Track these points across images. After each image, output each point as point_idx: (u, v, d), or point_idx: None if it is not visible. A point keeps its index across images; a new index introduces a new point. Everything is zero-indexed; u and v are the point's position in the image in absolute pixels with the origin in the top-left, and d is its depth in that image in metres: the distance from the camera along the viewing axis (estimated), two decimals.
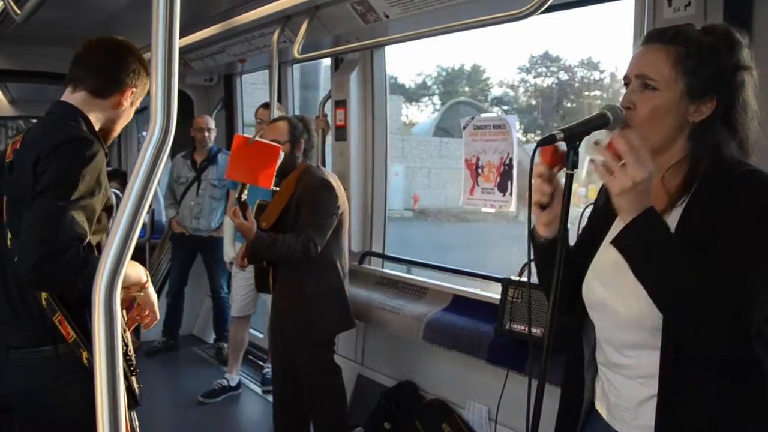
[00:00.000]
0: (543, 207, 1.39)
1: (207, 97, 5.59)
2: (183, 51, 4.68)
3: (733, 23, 2.18)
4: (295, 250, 2.84)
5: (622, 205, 1.21)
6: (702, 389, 1.23)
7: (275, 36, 3.61)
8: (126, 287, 1.82)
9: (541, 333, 2.37)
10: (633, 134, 1.22)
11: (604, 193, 1.49)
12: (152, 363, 4.84)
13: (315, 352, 3.05)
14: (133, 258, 1.84)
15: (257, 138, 2.86)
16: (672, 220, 1.27)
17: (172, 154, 5.00)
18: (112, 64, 1.81)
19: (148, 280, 1.80)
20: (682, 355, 1.23)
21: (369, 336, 3.75)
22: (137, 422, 1.88)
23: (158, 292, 5.29)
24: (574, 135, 1.35)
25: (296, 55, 3.43)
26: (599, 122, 1.40)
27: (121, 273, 0.94)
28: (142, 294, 1.80)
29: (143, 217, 0.96)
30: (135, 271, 1.77)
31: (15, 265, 1.58)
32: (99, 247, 1.71)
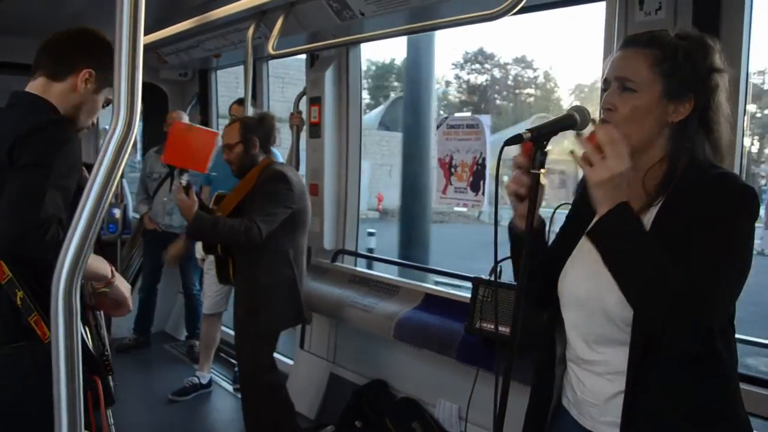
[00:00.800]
0: (521, 199, 1.41)
1: (182, 92, 5.54)
2: (157, 45, 4.65)
3: (701, 27, 2.22)
4: (238, 231, 2.81)
5: (598, 197, 1.25)
6: (668, 385, 1.26)
7: (250, 31, 3.58)
8: (93, 283, 1.80)
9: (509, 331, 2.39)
10: (614, 129, 1.26)
11: (581, 192, 1.52)
12: (123, 360, 4.77)
13: (257, 343, 3.02)
14: (104, 254, 1.83)
15: (195, 125, 2.87)
16: (648, 219, 1.30)
17: (145, 149, 4.96)
18: (67, 46, 1.78)
19: (114, 274, 1.78)
20: (651, 351, 1.26)
21: (341, 334, 3.75)
22: (112, 420, 1.86)
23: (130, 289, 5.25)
24: (541, 135, 1.37)
25: (271, 51, 3.41)
26: (566, 123, 1.42)
27: (81, 269, 0.93)
28: (109, 289, 1.78)
29: (104, 211, 0.95)
30: (100, 266, 1.75)
31: None
32: None
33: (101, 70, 1.79)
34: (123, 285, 1.83)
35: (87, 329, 1.76)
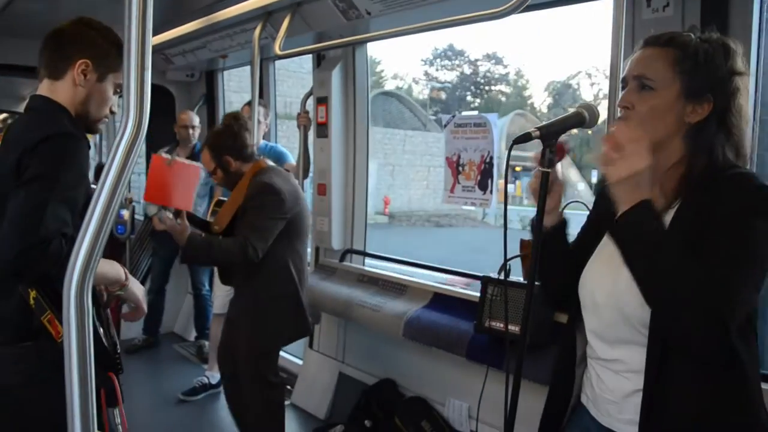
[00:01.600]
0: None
1: (189, 93, 5.56)
2: (164, 46, 4.67)
3: (709, 24, 2.21)
4: (233, 252, 2.71)
5: (619, 195, 1.25)
6: (686, 384, 1.26)
7: (257, 32, 3.59)
8: (106, 286, 1.80)
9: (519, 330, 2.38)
10: (635, 127, 1.26)
11: (600, 192, 1.53)
12: (132, 361, 4.80)
13: (257, 361, 2.91)
14: (113, 254, 1.83)
15: (175, 158, 2.78)
16: (666, 220, 1.30)
17: (155, 150, 4.97)
18: (58, 42, 1.74)
19: (127, 277, 1.78)
20: (668, 350, 1.26)
21: (350, 333, 3.75)
22: (119, 420, 1.86)
23: None
24: (550, 133, 1.37)
25: (277, 51, 3.42)
26: (575, 121, 1.43)
27: (92, 270, 0.93)
28: (123, 292, 1.78)
29: (115, 213, 0.95)
30: (113, 269, 1.75)
31: None
32: None
33: (99, 57, 1.74)
34: (137, 288, 1.82)
35: (101, 327, 1.77)
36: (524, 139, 1.39)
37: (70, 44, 1.73)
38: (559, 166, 1.43)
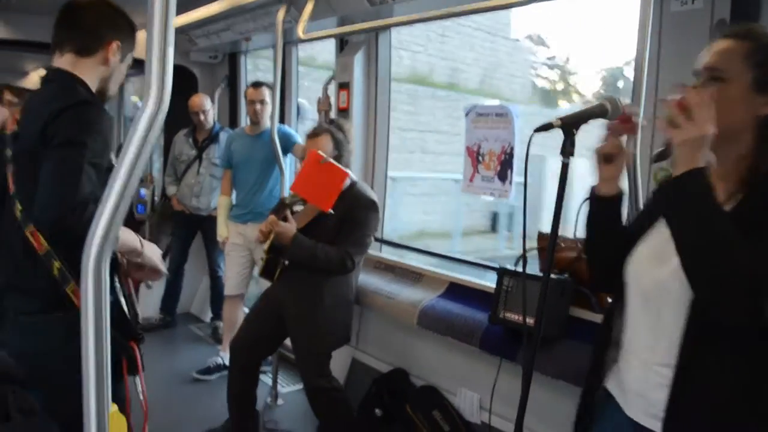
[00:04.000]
0: (609, 160, 1.47)
1: (211, 75, 5.57)
2: (188, 27, 4.68)
3: (740, 17, 2.18)
4: (333, 261, 2.86)
5: (680, 158, 1.25)
6: (715, 384, 1.25)
7: (280, 15, 3.58)
8: (123, 254, 1.83)
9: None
10: (704, 92, 1.25)
11: (661, 185, 1.55)
12: (149, 339, 4.77)
13: (320, 360, 3.03)
14: (136, 232, 1.85)
15: (329, 160, 2.82)
16: (728, 208, 1.28)
17: (175, 131, 5.00)
18: (91, 20, 1.79)
19: (142, 243, 1.80)
20: (702, 345, 1.25)
21: (364, 320, 3.76)
22: (140, 388, 1.89)
23: None
24: (571, 123, 1.36)
25: (300, 35, 3.42)
26: (597, 112, 1.42)
27: (111, 242, 0.94)
28: (141, 259, 1.81)
29: (133, 188, 0.96)
30: (129, 237, 1.78)
31: (34, 218, 1.59)
32: None
33: (125, 39, 1.83)
34: (153, 251, 1.85)
35: (123, 298, 1.80)
36: (545, 128, 1.38)
37: (106, 25, 1.80)
38: (624, 138, 1.47)
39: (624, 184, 1.56)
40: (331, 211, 2.82)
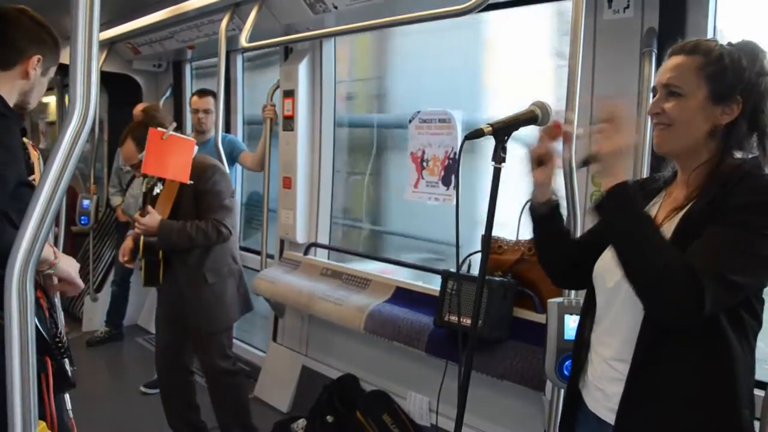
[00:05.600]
0: (540, 164, 1.51)
1: (156, 84, 5.49)
2: (130, 35, 4.61)
3: (667, 25, 2.27)
4: (209, 233, 2.84)
5: (606, 167, 1.31)
6: (669, 378, 1.30)
7: (224, 23, 3.57)
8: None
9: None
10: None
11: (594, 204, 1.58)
12: (94, 353, 4.76)
13: (218, 340, 3.03)
14: (71, 246, 1.81)
15: (171, 132, 2.80)
16: (680, 214, 1.34)
17: (118, 141, 4.90)
18: (11, 34, 1.75)
19: (56, 256, 1.77)
20: (656, 343, 1.30)
21: (313, 327, 3.76)
22: (70, 405, 1.85)
23: (102, 281, 5.17)
24: (502, 130, 1.40)
25: (244, 43, 3.40)
26: (527, 118, 1.46)
27: (35, 258, 0.93)
28: (53, 271, 1.77)
29: (60, 201, 0.95)
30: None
31: None
32: None
33: (47, 53, 1.80)
34: (69, 264, 1.81)
35: (39, 311, 1.75)
36: (476, 135, 1.42)
37: (26, 38, 1.76)
38: (557, 144, 1.50)
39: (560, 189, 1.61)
40: (191, 181, 2.81)
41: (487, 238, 1.44)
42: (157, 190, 2.83)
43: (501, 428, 2.78)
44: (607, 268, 1.43)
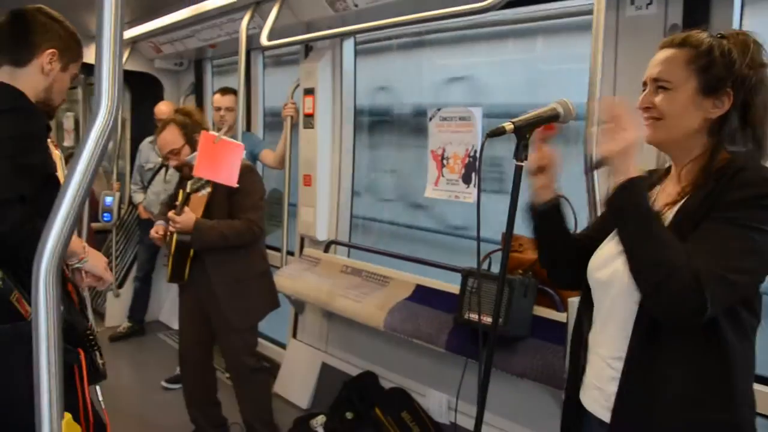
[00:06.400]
0: (540, 170, 1.50)
1: (177, 82, 5.54)
2: (152, 34, 4.66)
3: (691, 22, 2.24)
4: (242, 232, 2.88)
5: (616, 166, 1.30)
6: (665, 375, 1.29)
7: (244, 21, 3.59)
8: (65, 260, 1.81)
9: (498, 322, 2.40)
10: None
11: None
12: (117, 348, 4.81)
13: (245, 338, 3.07)
14: (93, 243, 1.85)
15: (222, 136, 2.83)
16: (677, 209, 1.33)
17: (141, 139, 4.97)
18: (21, 29, 1.78)
19: (86, 249, 1.80)
20: (651, 340, 1.29)
21: (333, 324, 3.77)
22: (101, 397, 1.88)
23: (124, 277, 5.23)
24: (523, 128, 1.39)
25: (264, 41, 3.42)
26: (549, 116, 1.45)
27: (61, 254, 0.94)
28: (82, 264, 1.80)
29: (85, 198, 0.96)
30: (71, 243, 1.77)
31: None
32: None
33: (63, 48, 1.81)
34: (97, 259, 1.84)
35: (72, 305, 1.78)
36: (498, 133, 1.41)
37: (36, 32, 1.78)
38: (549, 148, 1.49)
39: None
40: (237, 185, 2.83)
41: (508, 236, 1.43)
42: (203, 192, 2.86)
43: (520, 427, 2.77)
44: (601, 262, 1.43)
